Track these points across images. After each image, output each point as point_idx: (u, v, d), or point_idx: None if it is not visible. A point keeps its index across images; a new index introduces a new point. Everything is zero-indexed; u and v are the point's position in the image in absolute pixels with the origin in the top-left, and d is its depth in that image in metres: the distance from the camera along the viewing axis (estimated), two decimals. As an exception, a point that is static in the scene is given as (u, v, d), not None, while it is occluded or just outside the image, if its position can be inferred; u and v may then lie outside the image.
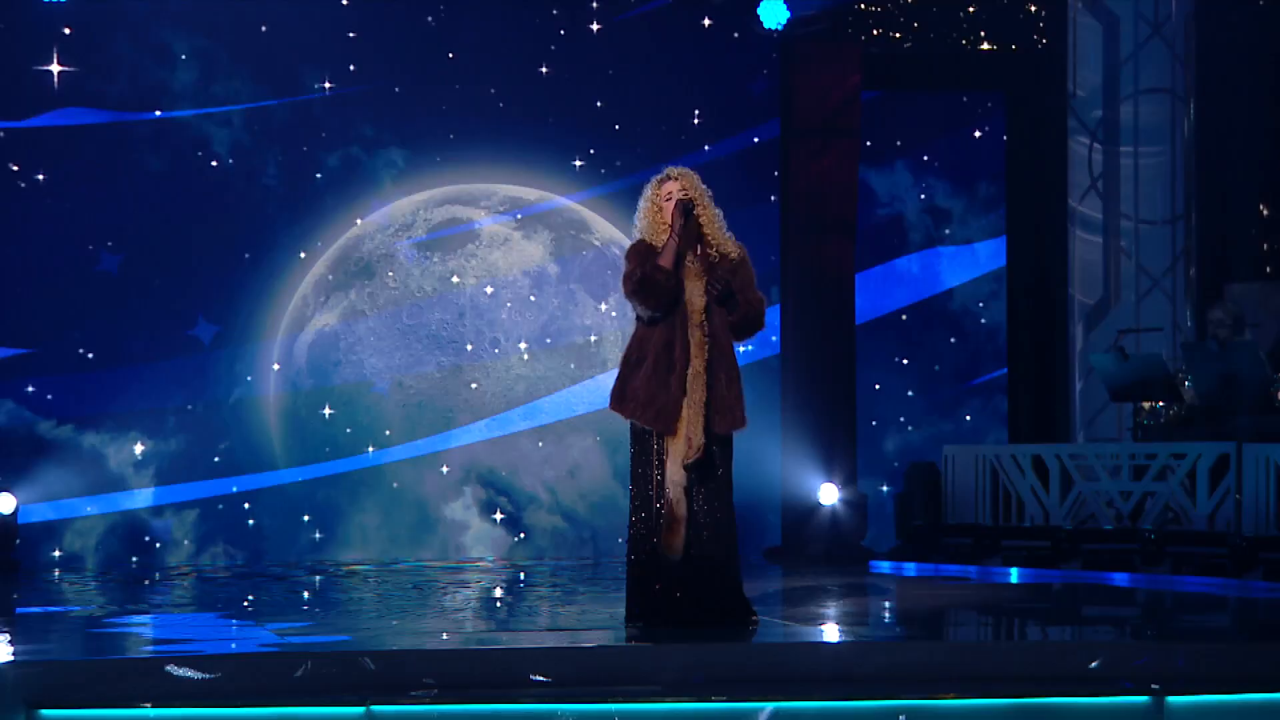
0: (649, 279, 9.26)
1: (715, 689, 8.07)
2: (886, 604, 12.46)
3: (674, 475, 9.28)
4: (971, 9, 17.26)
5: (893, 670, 8.38)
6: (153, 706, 7.97)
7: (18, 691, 7.99)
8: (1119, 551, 13.74)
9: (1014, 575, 14.06)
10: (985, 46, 17.36)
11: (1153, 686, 8.23)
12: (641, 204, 9.64)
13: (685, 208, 9.36)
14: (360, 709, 8.04)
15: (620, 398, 9.42)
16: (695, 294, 9.31)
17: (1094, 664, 8.65)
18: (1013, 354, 17.65)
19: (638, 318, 9.48)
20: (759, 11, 16.73)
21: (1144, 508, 13.92)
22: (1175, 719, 8.30)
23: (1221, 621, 11.26)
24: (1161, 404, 14.55)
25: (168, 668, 8.15)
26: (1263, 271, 16.53)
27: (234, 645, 9.66)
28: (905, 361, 17.75)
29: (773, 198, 17.30)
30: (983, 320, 17.86)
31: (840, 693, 8.12)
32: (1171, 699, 8.25)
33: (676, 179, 9.61)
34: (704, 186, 9.69)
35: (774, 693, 8.06)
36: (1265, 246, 17.02)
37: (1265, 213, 17.14)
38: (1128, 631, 10.76)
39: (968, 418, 17.69)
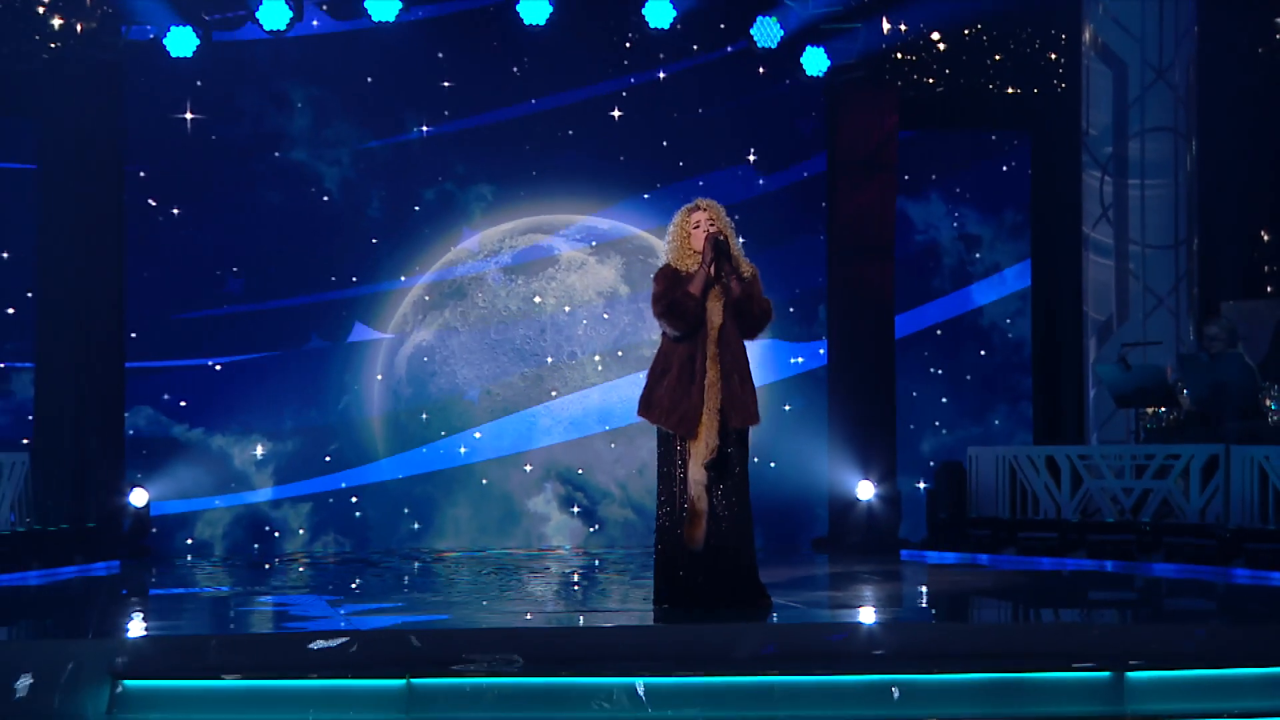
0: (679, 304, 9.44)
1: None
2: (895, 588, 12.58)
3: (695, 474, 9.45)
4: (998, 57, 17.15)
5: (876, 647, 8.54)
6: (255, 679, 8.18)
7: (151, 663, 8.36)
8: (1119, 542, 13.72)
9: (1025, 563, 14.11)
10: (1010, 90, 17.29)
11: (1131, 662, 8.34)
12: (671, 229, 9.76)
13: (717, 244, 9.47)
14: (401, 681, 8.27)
15: (647, 405, 9.62)
16: (714, 313, 9.49)
17: (1061, 643, 8.74)
18: (1036, 365, 17.66)
19: (664, 333, 9.63)
20: (802, 60, 16.82)
21: (1144, 503, 13.87)
22: (1134, 693, 8.38)
23: (1197, 605, 11.37)
24: (1164, 409, 14.54)
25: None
26: (1258, 291, 16.35)
27: (343, 623, 9.85)
28: (939, 372, 17.79)
29: (820, 227, 17.41)
30: (1010, 335, 17.92)
31: (840, 668, 8.34)
32: (1131, 675, 8.36)
33: (705, 210, 9.69)
34: (727, 217, 9.76)
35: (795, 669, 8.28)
36: (1266, 269, 16.93)
37: (1266, 238, 17.06)
38: (1097, 614, 10.81)
39: (996, 422, 17.73)
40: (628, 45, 17.18)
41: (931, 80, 17.25)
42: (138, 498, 16.07)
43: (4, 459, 14.16)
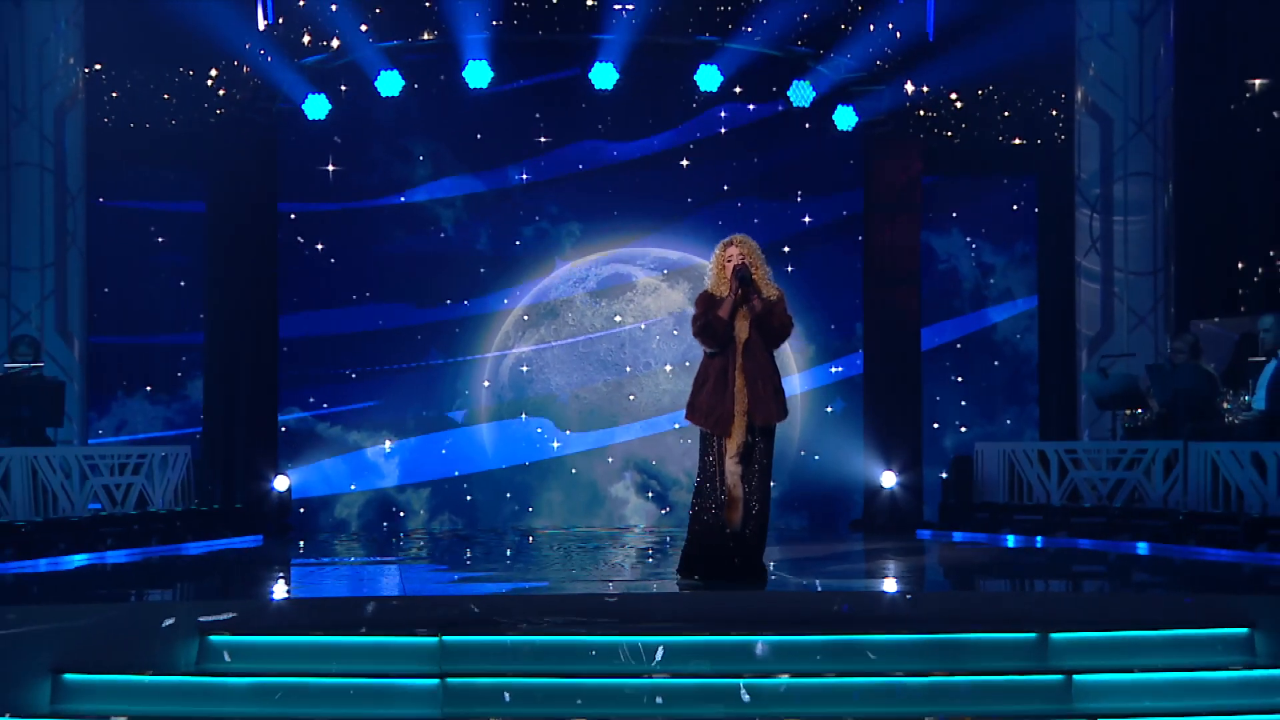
0: (710, 325, 9.59)
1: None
2: (886, 562, 12.53)
3: (731, 467, 9.62)
4: (1006, 113, 17.12)
5: (830, 611, 8.74)
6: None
7: (234, 622, 8.52)
8: (1095, 523, 13.73)
9: (1010, 541, 14.20)
10: (1017, 141, 17.19)
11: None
12: (712, 261, 9.81)
13: (741, 273, 9.52)
14: (434, 639, 8.35)
15: (691, 409, 9.74)
16: (741, 330, 9.59)
17: (994, 608, 8.87)
18: (1041, 374, 17.52)
19: (703, 349, 9.76)
20: (834, 117, 16.94)
21: (1119, 490, 13.95)
22: (1056, 652, 8.39)
23: (1139, 578, 11.15)
24: (1139, 410, 14.64)
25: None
26: (1228, 311, 16.03)
27: (433, 588, 10.13)
28: (959, 379, 17.75)
29: (857, 257, 17.42)
30: (1019, 348, 17.78)
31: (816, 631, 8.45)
32: (1054, 635, 8.39)
33: (737, 245, 9.72)
34: (758, 249, 9.76)
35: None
36: (1240, 291, 16.60)
37: (1241, 266, 16.74)
38: (1032, 584, 10.90)
39: (1008, 421, 17.66)
40: (694, 105, 17.29)
41: (950, 133, 17.17)
42: (280, 483, 16.47)
43: (169, 451, 14.45)
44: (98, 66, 16.36)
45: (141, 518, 13.32)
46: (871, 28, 16.49)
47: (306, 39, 16.30)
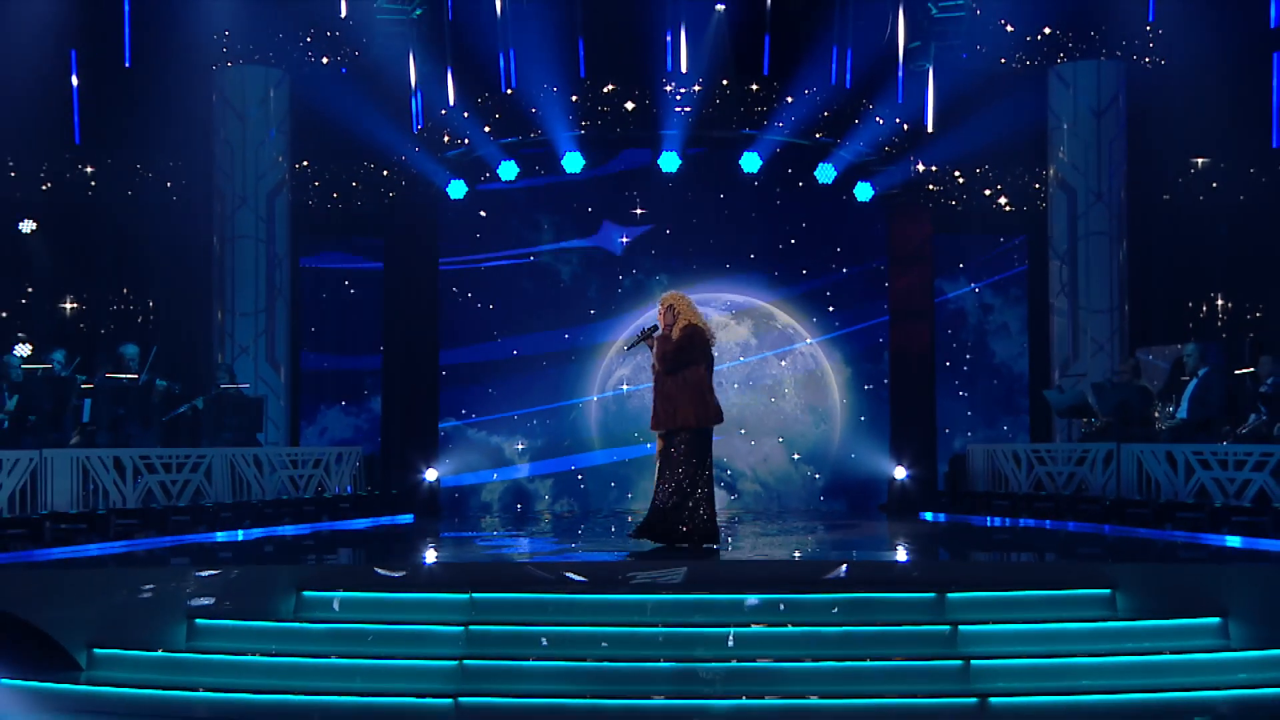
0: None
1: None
2: (866, 535, 12.47)
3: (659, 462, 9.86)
4: (999, 186, 17.25)
5: (782, 575, 8.85)
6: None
7: (323, 579, 8.59)
8: (1047, 508, 13.67)
9: (988, 521, 14.15)
10: (1009, 207, 17.30)
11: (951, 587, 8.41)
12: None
13: (644, 326, 10.05)
14: (465, 595, 8.39)
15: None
16: (656, 363, 9.90)
17: (901, 573, 8.99)
18: (1030, 390, 17.39)
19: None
20: (854, 191, 16.91)
21: (1070, 481, 13.73)
22: (952, 608, 8.51)
23: (1048, 548, 10.90)
24: (1092, 419, 14.51)
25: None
26: (1168, 341, 15.83)
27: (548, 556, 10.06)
28: (965, 395, 17.75)
29: (884, 299, 17.46)
30: (1014, 370, 17.74)
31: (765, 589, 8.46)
32: (950, 594, 8.52)
33: (661, 301, 10.01)
34: (679, 300, 9.86)
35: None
36: (1190, 325, 16.67)
37: (1190, 305, 16.86)
38: (945, 554, 10.71)
39: (1004, 427, 17.71)
40: (755, 184, 17.29)
41: (954, 202, 17.25)
42: (430, 474, 16.63)
43: (346, 450, 14.71)
44: (305, 163, 16.98)
45: (314, 501, 13.57)
46: (879, 120, 16.48)
47: (446, 138, 16.72)
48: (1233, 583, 8.60)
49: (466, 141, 16.71)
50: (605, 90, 16.24)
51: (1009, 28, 16.28)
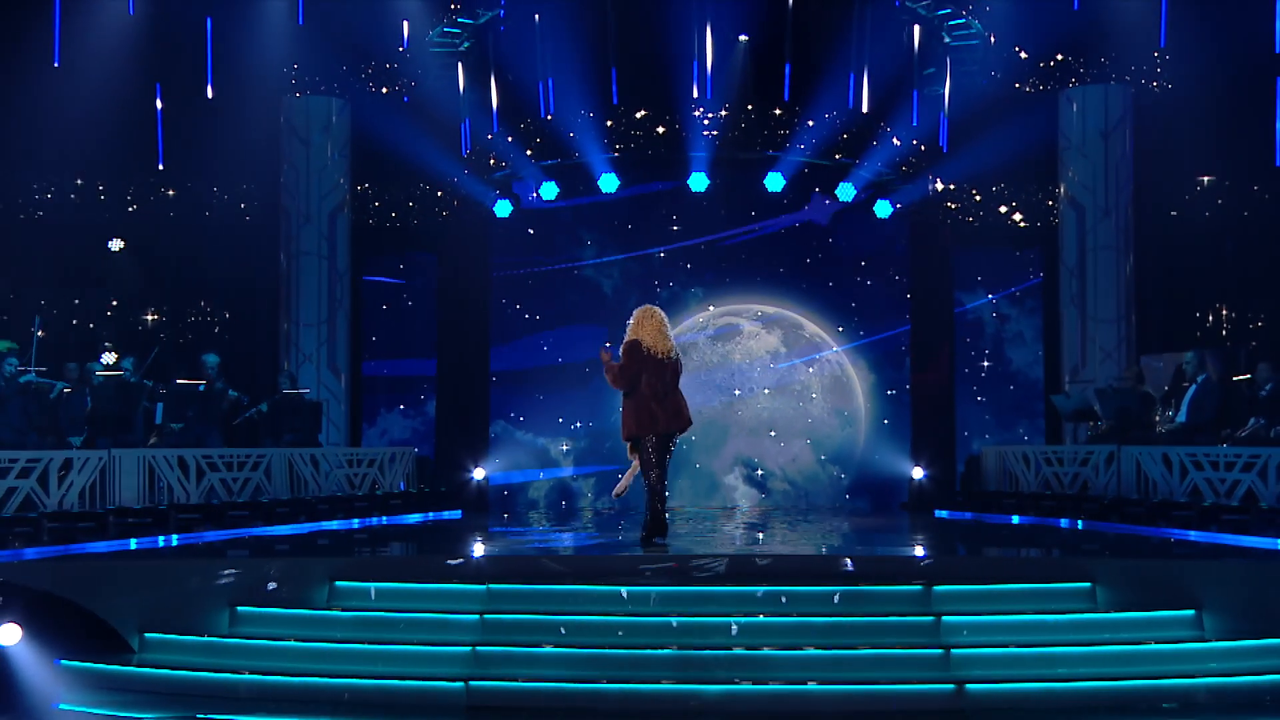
0: None
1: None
2: (876, 531, 12.33)
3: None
4: (1014, 203, 17.09)
5: (779, 568, 8.82)
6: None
7: (354, 569, 8.68)
8: (1052, 506, 13.57)
9: (1000, 519, 13.85)
10: (1023, 224, 17.10)
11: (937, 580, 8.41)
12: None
13: (601, 350, 9.82)
14: (481, 586, 8.51)
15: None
16: None
17: (895, 566, 8.79)
18: (1045, 396, 17.02)
19: None
20: (874, 208, 16.86)
21: (1075, 481, 13.72)
22: (937, 601, 8.49)
23: (1041, 544, 10.69)
24: (1097, 423, 14.36)
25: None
26: (1172, 349, 15.37)
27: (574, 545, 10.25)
28: (984, 400, 17.64)
29: (906, 310, 17.38)
30: (1031, 376, 17.57)
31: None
32: (937, 587, 8.47)
33: (633, 318, 9.81)
34: (642, 317, 9.82)
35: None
36: (1197, 334, 16.43)
37: (1196, 315, 16.64)
38: (939, 549, 10.46)
39: (1020, 430, 17.51)
40: (785, 201, 17.16)
41: (971, 218, 17.14)
42: (478, 473, 16.68)
43: (399, 450, 14.74)
44: (364, 185, 17.15)
45: (366, 498, 13.64)
46: (897, 141, 16.39)
47: (491, 161, 16.81)
48: (1207, 577, 8.57)
49: (509, 164, 16.75)
50: (638, 116, 16.25)
51: (1022, 54, 16.23)
